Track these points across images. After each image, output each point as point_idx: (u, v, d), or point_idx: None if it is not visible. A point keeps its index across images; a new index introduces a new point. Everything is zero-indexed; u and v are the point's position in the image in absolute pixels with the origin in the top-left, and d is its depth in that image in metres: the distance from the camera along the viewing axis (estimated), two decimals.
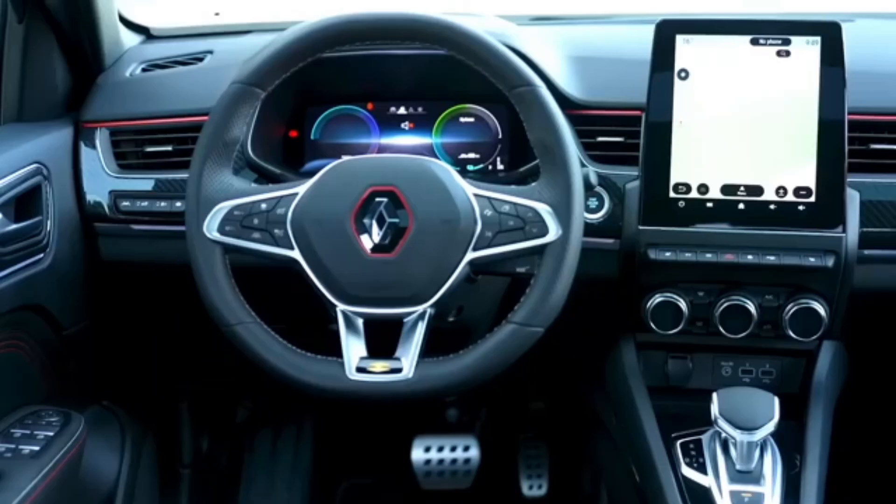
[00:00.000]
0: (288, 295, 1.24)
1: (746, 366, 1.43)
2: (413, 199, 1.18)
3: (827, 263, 1.30)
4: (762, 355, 1.42)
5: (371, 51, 1.42)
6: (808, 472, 1.26)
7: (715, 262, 1.32)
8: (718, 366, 1.44)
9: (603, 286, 1.41)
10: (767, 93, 1.32)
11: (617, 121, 1.40)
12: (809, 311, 1.33)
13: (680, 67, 1.34)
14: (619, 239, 1.38)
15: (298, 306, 1.20)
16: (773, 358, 1.42)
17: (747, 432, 1.24)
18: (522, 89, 1.19)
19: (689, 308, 1.36)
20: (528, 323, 1.16)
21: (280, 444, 1.90)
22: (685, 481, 1.27)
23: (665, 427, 1.34)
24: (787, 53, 1.32)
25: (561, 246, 1.17)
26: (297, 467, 1.88)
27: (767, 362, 1.43)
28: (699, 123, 1.33)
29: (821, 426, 1.32)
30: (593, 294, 1.42)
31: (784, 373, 1.42)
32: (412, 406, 1.93)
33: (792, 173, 1.31)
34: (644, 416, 1.35)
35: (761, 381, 1.43)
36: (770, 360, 1.43)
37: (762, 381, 1.43)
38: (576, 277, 1.41)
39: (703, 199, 1.33)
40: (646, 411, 1.36)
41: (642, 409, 1.36)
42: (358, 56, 1.47)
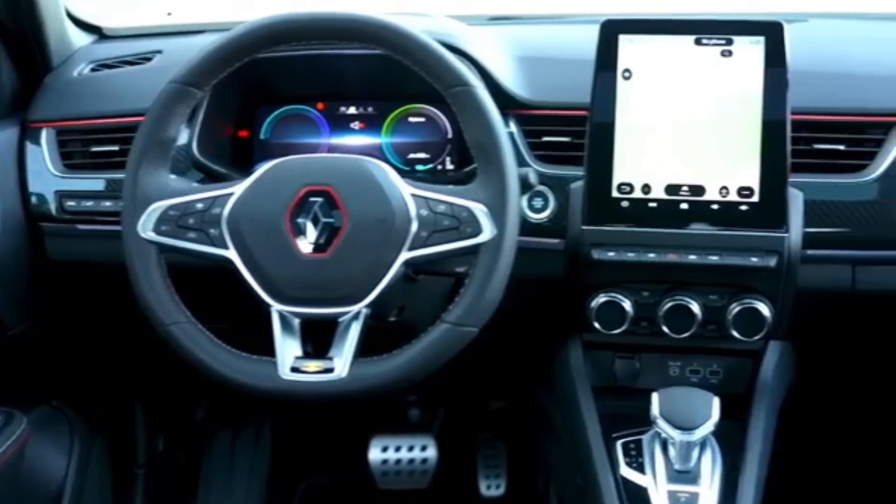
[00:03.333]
0: (231, 295, 1.24)
1: (694, 366, 1.43)
2: (348, 199, 1.18)
3: (769, 263, 1.30)
4: (710, 355, 1.42)
5: (322, 50, 1.42)
6: (746, 471, 1.26)
7: (658, 261, 1.32)
8: (666, 366, 1.44)
9: (550, 286, 1.41)
10: (711, 93, 1.32)
11: (563, 121, 1.40)
12: (753, 312, 1.33)
13: (623, 67, 1.34)
14: (564, 239, 1.38)
15: (241, 306, 1.20)
16: (721, 358, 1.42)
17: (685, 432, 1.24)
18: (458, 89, 1.20)
19: (634, 308, 1.36)
20: (462, 323, 1.16)
21: (238, 444, 1.89)
22: (624, 481, 1.27)
23: (608, 427, 1.34)
24: (731, 53, 1.32)
25: (495, 245, 1.17)
26: (255, 467, 1.88)
27: (715, 362, 1.43)
28: (643, 123, 1.33)
29: (763, 426, 1.32)
30: (541, 294, 1.42)
31: (731, 373, 1.42)
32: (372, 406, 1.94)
33: (735, 173, 1.31)
34: (587, 416, 1.35)
35: (709, 380, 1.43)
36: (717, 360, 1.43)
37: (709, 381, 1.43)
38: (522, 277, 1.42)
39: (647, 198, 1.33)
40: (588, 411, 1.36)
41: (585, 409, 1.36)
42: (309, 55, 1.47)
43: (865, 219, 1.35)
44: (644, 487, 1.25)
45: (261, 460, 1.89)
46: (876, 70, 1.44)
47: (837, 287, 1.38)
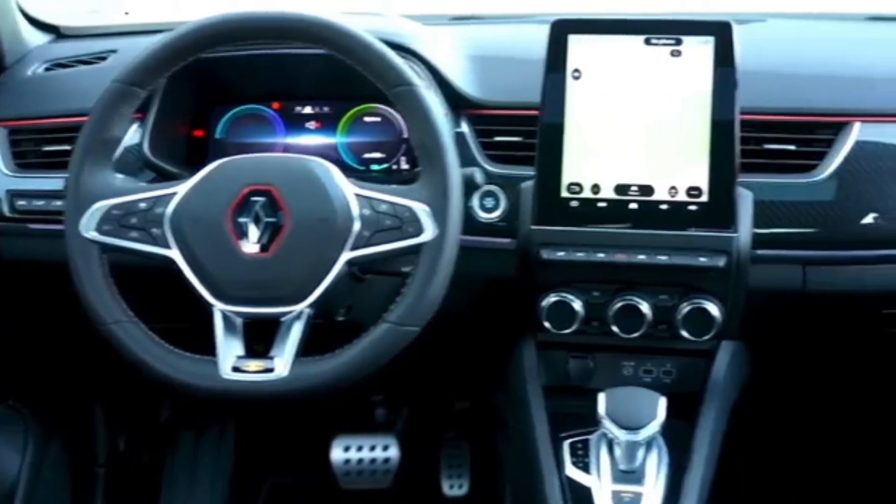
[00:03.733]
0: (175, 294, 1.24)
1: (647, 366, 1.43)
2: (290, 199, 1.18)
3: (718, 263, 1.30)
4: (663, 355, 1.42)
5: (277, 50, 1.42)
6: (692, 471, 1.26)
7: (607, 261, 1.32)
8: (620, 365, 1.44)
9: (503, 286, 1.40)
10: (660, 92, 1.32)
11: (515, 120, 1.40)
12: (702, 312, 1.33)
13: (573, 67, 1.33)
14: (515, 239, 1.38)
15: (186, 306, 1.20)
16: (674, 358, 1.42)
17: (630, 432, 1.24)
18: (401, 88, 1.20)
19: (585, 308, 1.36)
20: (403, 322, 1.17)
21: (202, 444, 1.89)
22: (569, 481, 1.27)
23: (557, 427, 1.34)
24: (680, 53, 1.32)
25: (437, 245, 1.17)
26: (218, 468, 1.88)
27: (668, 362, 1.42)
28: (592, 123, 1.33)
29: (712, 426, 1.32)
30: (495, 294, 1.42)
31: (684, 373, 1.42)
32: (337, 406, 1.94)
33: (684, 173, 1.31)
34: (535, 415, 1.35)
35: (662, 380, 1.43)
36: (671, 360, 1.42)
37: (663, 381, 1.43)
38: (476, 277, 1.42)
39: (596, 198, 1.33)
40: (537, 411, 1.36)
41: (534, 409, 1.36)
42: (264, 55, 1.47)
43: (815, 219, 1.35)
44: (588, 487, 1.25)
45: (224, 460, 1.88)
46: (828, 70, 1.44)
47: (789, 287, 1.38)
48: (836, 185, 1.34)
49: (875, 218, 1.34)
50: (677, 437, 1.31)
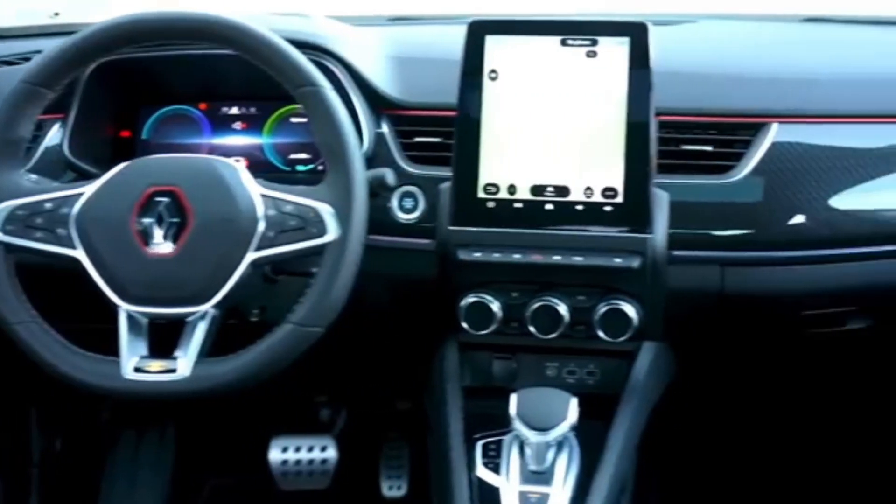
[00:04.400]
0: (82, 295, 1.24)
1: (571, 366, 1.43)
2: (194, 199, 1.18)
3: (632, 264, 1.30)
4: (586, 356, 1.42)
5: (204, 50, 1.42)
6: (601, 472, 1.25)
7: (523, 262, 1.32)
8: (543, 366, 1.43)
9: (426, 287, 1.40)
10: (576, 93, 1.32)
11: (435, 121, 1.40)
12: (618, 313, 1.33)
13: (490, 68, 1.33)
14: (434, 239, 1.38)
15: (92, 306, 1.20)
16: (597, 359, 1.42)
17: (540, 433, 1.23)
18: (306, 89, 1.20)
19: (503, 308, 1.36)
20: (306, 323, 1.17)
21: (143, 445, 1.89)
22: (479, 482, 1.26)
23: (473, 427, 1.34)
24: (596, 54, 1.32)
25: (340, 246, 1.17)
26: (159, 468, 1.88)
27: (591, 363, 1.42)
28: (509, 124, 1.33)
29: (627, 426, 1.32)
30: (419, 295, 1.42)
31: (607, 374, 1.41)
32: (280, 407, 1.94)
33: (599, 174, 1.31)
34: (451, 416, 1.35)
35: (585, 381, 1.43)
36: (594, 361, 1.42)
37: (586, 382, 1.42)
38: (399, 278, 1.43)
39: (512, 199, 1.33)
40: (453, 411, 1.36)
41: (450, 409, 1.36)
42: (191, 55, 1.47)
43: (732, 220, 1.35)
44: (497, 488, 1.24)
45: (164, 461, 1.88)
46: (750, 71, 1.44)
47: (707, 288, 1.38)
48: (752, 185, 1.34)
49: (793, 219, 1.35)
50: (594, 437, 1.31)
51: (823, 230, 1.35)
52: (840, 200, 1.35)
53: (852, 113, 1.40)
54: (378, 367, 1.76)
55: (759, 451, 1.86)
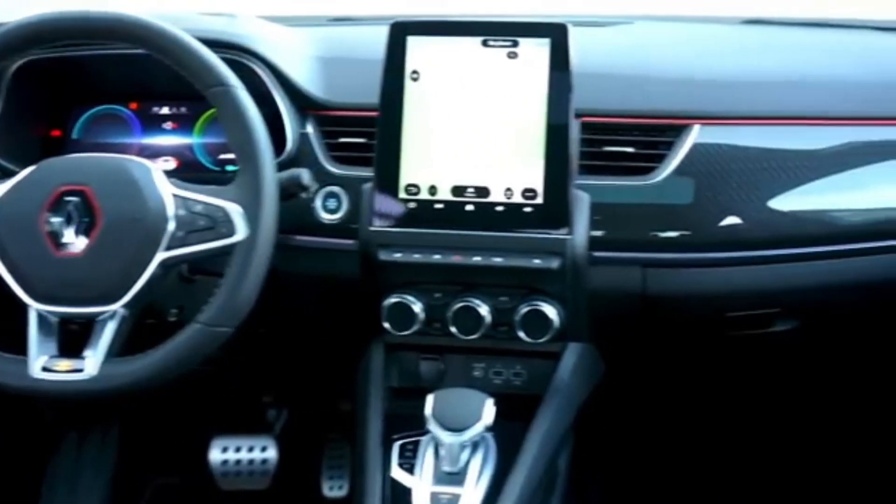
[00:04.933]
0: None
1: (497, 367, 1.43)
2: (103, 199, 1.19)
3: (552, 265, 1.30)
4: (513, 357, 1.42)
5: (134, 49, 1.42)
6: (515, 473, 1.25)
7: (443, 263, 1.32)
8: (470, 367, 1.43)
9: (352, 287, 1.40)
10: (497, 94, 1.32)
11: (359, 122, 1.40)
12: (539, 314, 1.33)
13: (412, 69, 1.33)
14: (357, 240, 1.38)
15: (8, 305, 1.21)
16: (524, 360, 1.42)
17: (454, 433, 1.23)
18: (216, 89, 1.21)
19: (426, 309, 1.36)
20: (213, 323, 1.17)
21: (85, 446, 1.89)
22: (393, 483, 1.26)
23: (394, 428, 1.34)
24: (516, 55, 1.32)
25: (248, 246, 1.17)
26: (100, 470, 1.87)
27: (518, 364, 1.42)
28: (430, 125, 1.33)
29: (546, 427, 1.32)
30: (346, 295, 1.42)
31: (534, 375, 1.42)
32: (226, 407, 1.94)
33: (519, 175, 1.31)
34: (371, 416, 1.35)
35: (512, 382, 1.43)
36: (521, 362, 1.42)
37: (513, 383, 1.43)
38: (324, 278, 1.42)
39: (433, 200, 1.33)
40: (373, 412, 1.36)
41: (371, 410, 1.36)
42: (122, 54, 1.47)
43: (653, 221, 1.35)
44: (409, 488, 1.24)
45: (106, 462, 1.88)
46: (674, 73, 1.44)
47: (629, 289, 1.38)
48: (674, 187, 1.34)
49: (724, 220, 1.35)
50: (514, 438, 1.31)
51: (757, 232, 1.36)
52: (773, 202, 1.35)
53: (780, 115, 1.40)
54: (319, 367, 1.76)
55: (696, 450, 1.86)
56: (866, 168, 1.39)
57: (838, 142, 1.39)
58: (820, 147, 1.39)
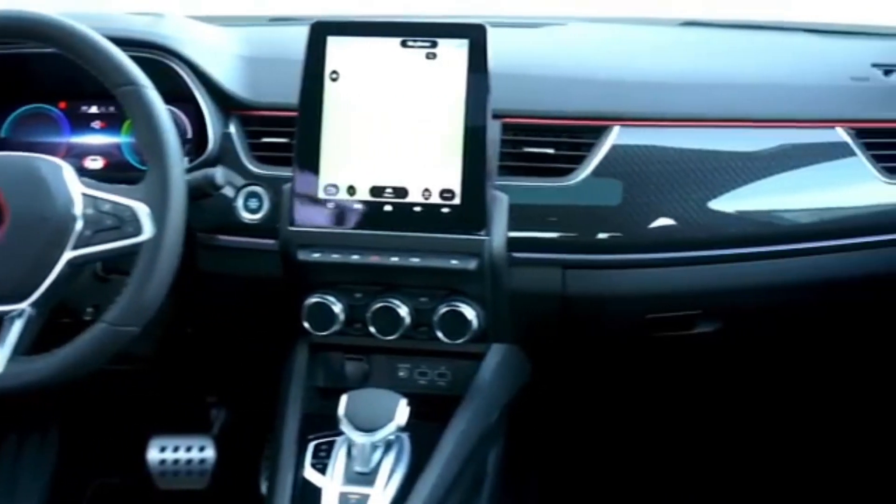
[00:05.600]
0: None
1: (423, 368, 1.43)
2: (10, 197, 1.19)
3: (469, 266, 1.30)
4: (438, 358, 1.42)
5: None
6: (426, 473, 1.25)
7: (361, 263, 1.32)
8: (395, 368, 1.44)
9: (276, 287, 1.40)
10: (415, 95, 1.32)
11: (282, 122, 1.40)
12: (457, 314, 1.33)
13: (331, 69, 1.33)
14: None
15: None
16: (449, 360, 1.42)
17: (366, 434, 1.23)
18: (125, 88, 1.21)
19: (346, 309, 1.36)
20: (119, 322, 1.17)
21: (25, 447, 1.88)
22: (304, 483, 1.26)
23: (311, 428, 1.34)
24: (435, 56, 1.32)
25: (154, 246, 1.17)
26: (39, 472, 1.87)
27: (443, 365, 1.43)
28: (349, 125, 1.33)
29: (462, 428, 1.31)
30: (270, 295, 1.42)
31: (458, 375, 1.42)
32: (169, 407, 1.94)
33: (437, 176, 1.31)
34: (288, 416, 1.35)
35: (437, 382, 1.43)
36: (445, 363, 1.42)
37: (437, 384, 1.43)
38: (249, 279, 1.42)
39: (351, 200, 1.33)
40: (291, 412, 1.36)
41: (288, 410, 1.36)
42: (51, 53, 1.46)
43: (572, 222, 1.35)
44: (320, 488, 1.24)
45: (46, 462, 1.87)
46: (598, 74, 1.44)
47: (550, 290, 1.38)
48: (591, 188, 1.34)
49: (633, 221, 1.35)
50: (432, 439, 1.31)
51: (686, 233, 1.35)
52: (701, 203, 1.35)
53: (706, 117, 1.39)
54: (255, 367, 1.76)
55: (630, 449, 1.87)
56: (793, 170, 1.38)
57: (768, 144, 1.39)
58: (749, 149, 1.38)
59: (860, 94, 1.44)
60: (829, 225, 1.39)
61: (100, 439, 1.91)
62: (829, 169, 1.39)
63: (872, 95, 1.44)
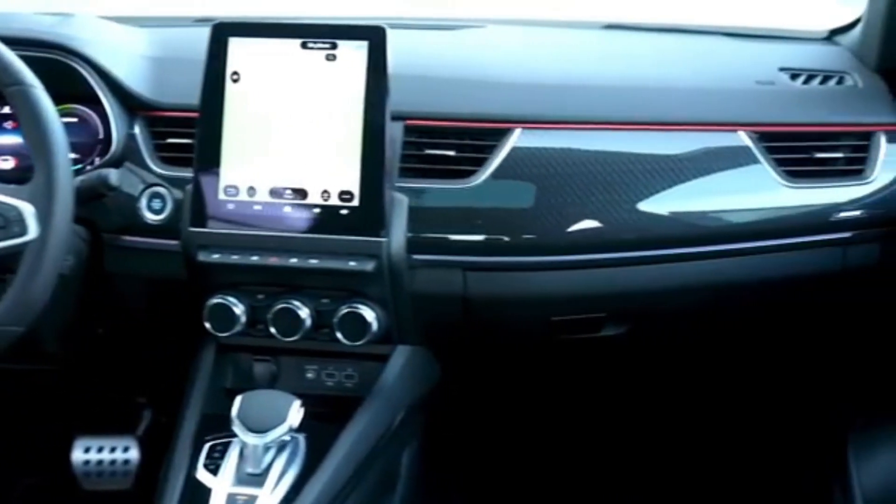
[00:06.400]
0: None
1: (330, 369, 1.43)
2: None
3: (366, 268, 1.30)
4: (346, 359, 1.42)
5: None
6: (317, 474, 1.25)
7: (261, 264, 1.32)
8: (303, 369, 1.44)
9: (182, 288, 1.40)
10: (315, 96, 1.32)
11: (187, 122, 1.40)
12: (356, 316, 1.33)
13: (232, 70, 1.33)
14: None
15: None
16: (356, 362, 1.42)
17: (257, 435, 1.23)
18: (12, 88, 1.21)
19: (248, 310, 1.36)
20: (3, 322, 1.17)
21: None
22: (195, 483, 1.26)
23: (210, 429, 1.34)
24: (335, 57, 1.32)
25: (38, 246, 1.17)
26: None
27: (350, 366, 1.43)
28: (250, 126, 1.33)
29: (358, 429, 1.31)
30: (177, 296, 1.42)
31: (365, 377, 1.42)
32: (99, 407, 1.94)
33: (336, 177, 1.31)
34: (186, 416, 1.35)
35: (344, 384, 1.43)
36: (352, 365, 1.43)
37: (344, 385, 1.43)
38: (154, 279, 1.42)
39: (252, 201, 1.33)
40: (190, 412, 1.36)
41: (188, 410, 1.36)
42: None
43: (472, 224, 1.35)
44: (210, 489, 1.24)
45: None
46: (506, 77, 1.44)
47: (451, 293, 1.38)
48: (490, 191, 1.35)
49: (533, 224, 1.35)
50: (330, 441, 1.31)
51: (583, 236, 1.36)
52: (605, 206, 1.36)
53: (611, 120, 1.40)
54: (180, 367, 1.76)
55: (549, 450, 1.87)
56: (697, 174, 1.39)
57: (673, 148, 1.39)
58: (654, 152, 1.39)
59: (764, 98, 1.44)
60: (732, 228, 1.39)
61: (27, 440, 1.91)
62: (732, 173, 1.39)
63: (777, 100, 1.44)
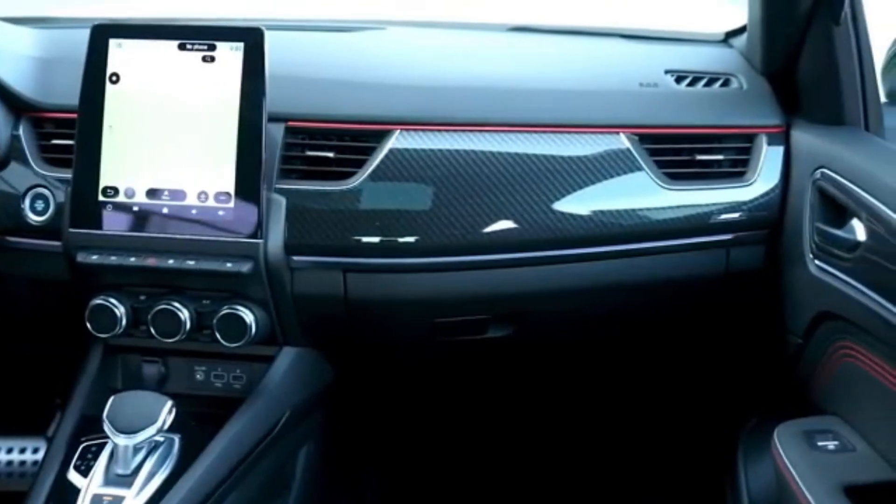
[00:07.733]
0: None
1: (218, 371, 1.43)
2: None
3: (242, 269, 1.30)
4: (234, 361, 1.42)
5: None
6: (186, 475, 1.25)
7: (139, 265, 1.32)
8: (192, 370, 1.44)
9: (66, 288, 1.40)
10: (193, 98, 1.32)
11: (70, 124, 1.39)
12: (234, 317, 1.33)
13: (112, 71, 1.34)
14: None
15: None
16: (245, 363, 1.42)
17: (126, 436, 1.24)
18: None
19: (129, 311, 1.36)
20: None
21: None
22: (65, 484, 1.26)
23: (86, 430, 1.34)
24: (213, 59, 1.32)
25: None
26: None
27: (238, 367, 1.43)
28: (129, 127, 1.33)
29: (235, 430, 1.32)
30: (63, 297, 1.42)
31: (252, 378, 1.42)
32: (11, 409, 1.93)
33: (214, 179, 1.32)
34: (66, 416, 1.36)
35: (232, 385, 1.43)
36: (241, 366, 1.43)
37: (233, 386, 1.43)
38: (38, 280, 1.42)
39: (130, 202, 1.33)
40: (70, 412, 1.36)
41: (68, 410, 1.36)
42: None
43: (351, 226, 1.35)
44: (78, 490, 1.24)
45: None
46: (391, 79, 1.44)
47: (332, 294, 1.38)
48: (368, 192, 1.35)
49: (411, 226, 1.35)
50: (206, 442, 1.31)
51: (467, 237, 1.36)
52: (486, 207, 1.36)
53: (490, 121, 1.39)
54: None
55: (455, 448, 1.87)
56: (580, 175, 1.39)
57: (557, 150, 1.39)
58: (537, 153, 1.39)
59: (646, 100, 1.44)
60: (615, 230, 1.39)
61: None
62: (614, 174, 1.40)
63: (658, 102, 1.44)
